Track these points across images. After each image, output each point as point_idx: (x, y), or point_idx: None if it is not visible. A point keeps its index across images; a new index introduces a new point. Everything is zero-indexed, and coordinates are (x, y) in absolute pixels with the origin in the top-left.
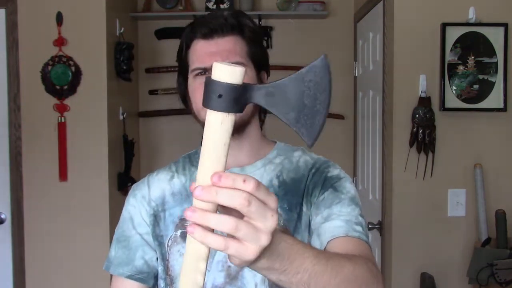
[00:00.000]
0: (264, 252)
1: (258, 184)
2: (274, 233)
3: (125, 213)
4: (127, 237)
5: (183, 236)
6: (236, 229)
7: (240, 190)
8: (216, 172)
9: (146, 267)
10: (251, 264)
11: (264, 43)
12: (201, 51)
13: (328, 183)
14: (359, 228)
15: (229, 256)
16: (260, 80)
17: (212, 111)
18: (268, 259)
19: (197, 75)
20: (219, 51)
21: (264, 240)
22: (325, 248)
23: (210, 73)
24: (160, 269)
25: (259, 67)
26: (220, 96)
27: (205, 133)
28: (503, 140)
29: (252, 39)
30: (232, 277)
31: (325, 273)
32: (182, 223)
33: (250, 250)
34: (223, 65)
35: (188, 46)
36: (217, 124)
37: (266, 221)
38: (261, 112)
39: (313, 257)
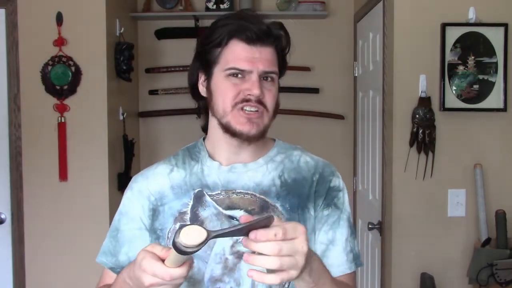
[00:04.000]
0: (304, 269)
1: (285, 230)
2: (308, 254)
3: (121, 205)
4: (117, 229)
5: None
6: (281, 265)
7: (272, 241)
8: (253, 232)
9: (128, 264)
10: (297, 277)
11: None
12: (243, 54)
13: (330, 196)
14: (351, 256)
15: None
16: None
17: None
18: (307, 273)
19: (230, 75)
20: (261, 59)
21: (301, 261)
22: None
23: (245, 76)
24: None
25: (280, 76)
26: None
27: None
28: (503, 140)
29: (284, 54)
30: (230, 268)
31: None
32: (181, 216)
33: (293, 273)
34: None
35: (225, 43)
36: (181, 256)
37: (298, 252)
38: None
39: (331, 279)
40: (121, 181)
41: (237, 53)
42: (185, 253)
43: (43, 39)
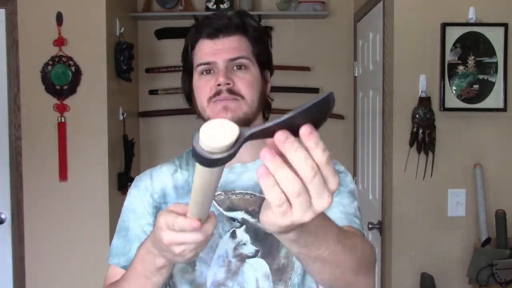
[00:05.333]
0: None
1: (330, 160)
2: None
3: (127, 203)
4: (126, 228)
5: None
6: (298, 195)
7: (312, 159)
8: (308, 125)
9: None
10: (281, 233)
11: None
12: (206, 49)
13: None
14: (357, 221)
15: (263, 216)
16: (264, 78)
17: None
18: (297, 233)
19: (202, 73)
20: (224, 48)
21: (308, 217)
22: None
23: (214, 70)
24: None
25: (263, 66)
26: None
27: (196, 177)
28: (503, 140)
29: (256, 38)
30: (233, 272)
31: (342, 253)
32: None
33: (293, 218)
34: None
35: (193, 47)
36: (207, 174)
37: (320, 200)
38: (265, 110)
39: (336, 235)
40: (121, 181)
41: (202, 50)
42: (211, 163)
43: (43, 39)
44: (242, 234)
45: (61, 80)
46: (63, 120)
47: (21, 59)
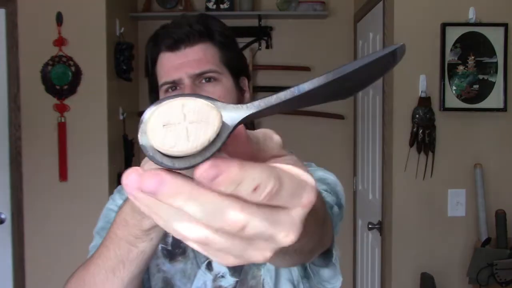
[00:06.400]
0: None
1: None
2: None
3: (111, 206)
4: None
5: (164, 252)
6: (247, 228)
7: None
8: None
9: None
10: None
11: (264, 43)
12: (168, 64)
13: None
14: (324, 187)
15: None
16: (240, 87)
17: None
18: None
19: (167, 90)
20: (188, 62)
21: (292, 237)
22: None
23: (180, 86)
24: (145, 277)
25: (237, 73)
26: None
27: None
28: (503, 140)
29: (224, 43)
30: None
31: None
32: (163, 238)
33: (258, 256)
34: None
35: (154, 61)
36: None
37: (299, 203)
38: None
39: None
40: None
41: (164, 66)
42: (174, 169)
43: (43, 39)
44: (218, 266)
45: (61, 80)
46: (63, 120)
47: (21, 59)
